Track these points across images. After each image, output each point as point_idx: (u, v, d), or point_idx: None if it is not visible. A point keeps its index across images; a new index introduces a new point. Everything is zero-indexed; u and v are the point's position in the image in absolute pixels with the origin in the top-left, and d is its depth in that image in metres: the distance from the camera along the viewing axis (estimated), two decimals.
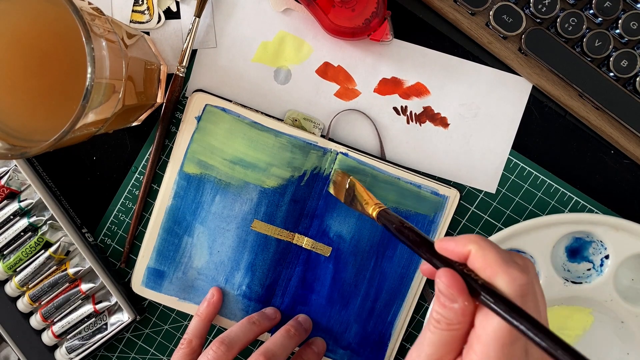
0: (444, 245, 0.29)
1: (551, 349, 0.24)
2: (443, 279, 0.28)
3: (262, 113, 0.44)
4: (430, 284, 0.46)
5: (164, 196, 0.44)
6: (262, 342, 0.46)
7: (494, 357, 0.27)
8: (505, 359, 0.27)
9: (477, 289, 0.27)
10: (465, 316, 0.28)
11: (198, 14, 0.43)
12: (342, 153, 0.43)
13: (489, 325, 0.27)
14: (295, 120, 0.44)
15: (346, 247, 0.44)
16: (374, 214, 0.36)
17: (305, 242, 0.44)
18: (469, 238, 0.29)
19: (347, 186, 0.40)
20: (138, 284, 0.45)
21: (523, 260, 0.29)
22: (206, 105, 0.43)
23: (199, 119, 0.43)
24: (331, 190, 0.43)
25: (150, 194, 0.46)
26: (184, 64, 0.44)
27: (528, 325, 0.25)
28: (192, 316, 0.46)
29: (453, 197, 0.44)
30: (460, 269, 0.28)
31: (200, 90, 0.44)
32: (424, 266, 0.32)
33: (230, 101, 0.44)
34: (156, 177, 0.45)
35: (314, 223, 0.44)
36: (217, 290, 0.44)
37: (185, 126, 0.43)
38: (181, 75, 0.44)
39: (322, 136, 0.44)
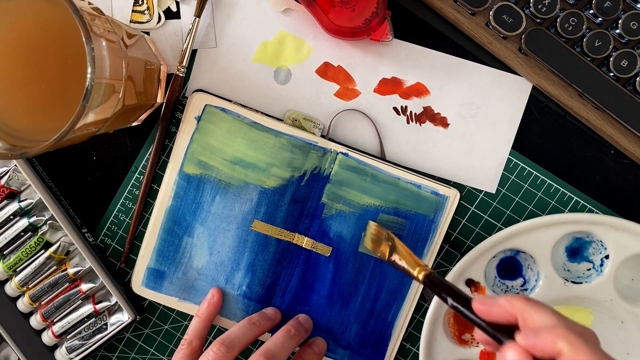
0: (530, 341, 0.27)
1: None
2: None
3: (262, 113, 0.44)
4: None
5: (163, 196, 0.44)
6: (263, 343, 0.46)
7: None
8: None
9: None
10: None
11: (198, 14, 0.43)
12: (342, 153, 0.43)
13: None
14: (295, 120, 0.44)
15: (346, 247, 0.44)
16: (420, 276, 0.36)
17: (305, 242, 0.44)
18: (557, 333, 0.26)
19: (384, 241, 0.40)
20: (138, 284, 0.45)
21: None
22: (206, 105, 0.43)
23: (198, 119, 0.43)
24: (367, 245, 0.42)
25: (150, 194, 0.46)
26: (184, 64, 0.44)
27: None
28: (192, 316, 0.46)
29: (453, 197, 0.44)
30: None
31: (200, 90, 0.44)
32: (480, 336, 0.30)
33: (230, 101, 0.44)
34: (156, 177, 0.45)
35: (314, 223, 0.44)
36: (217, 291, 0.44)
37: (185, 126, 0.43)
38: (181, 75, 0.44)
39: (322, 136, 0.44)
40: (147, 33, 0.45)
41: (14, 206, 0.44)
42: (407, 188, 0.44)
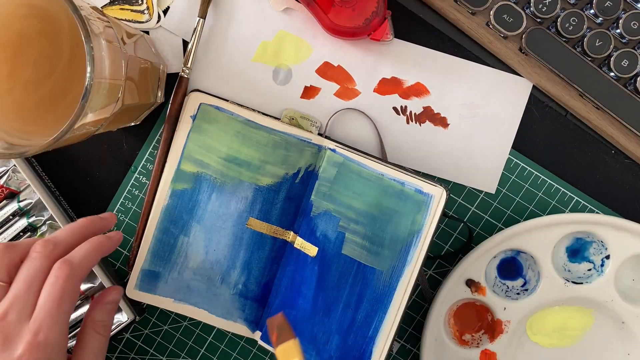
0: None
1: None
2: None
3: (257, 111, 0.44)
4: (431, 283, 0.46)
5: (160, 196, 0.44)
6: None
7: None
8: None
9: None
10: None
11: (202, 15, 0.43)
12: (329, 149, 0.43)
13: None
14: (292, 119, 0.44)
15: (331, 247, 0.42)
16: None
17: (296, 241, 0.44)
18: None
19: None
20: (132, 287, 0.44)
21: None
22: (200, 104, 0.43)
23: (194, 117, 0.43)
24: None
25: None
26: (188, 65, 0.43)
27: None
28: (190, 318, 0.45)
29: (439, 197, 0.40)
30: None
31: (197, 90, 0.44)
32: None
33: (227, 100, 0.43)
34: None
35: (304, 221, 0.43)
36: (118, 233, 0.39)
37: (181, 125, 0.43)
38: (186, 77, 0.43)
39: (320, 134, 0.44)
40: (147, 32, 0.44)
41: (13, 206, 0.44)
42: (390, 185, 0.41)
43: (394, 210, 0.41)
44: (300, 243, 0.43)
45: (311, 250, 0.43)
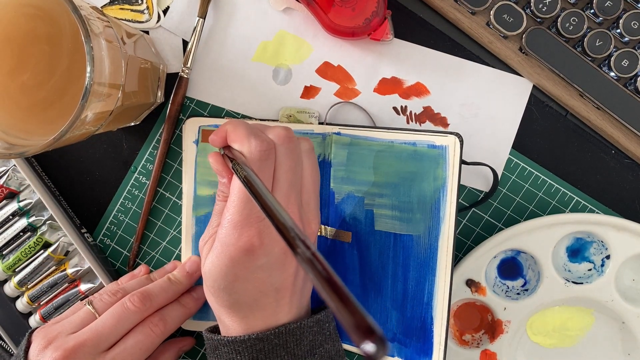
0: (213, 135, 0.37)
1: (261, 205, 0.29)
2: (210, 160, 0.37)
3: (254, 119, 0.44)
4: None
5: (187, 227, 0.44)
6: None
7: (236, 207, 0.34)
8: (245, 210, 0.34)
9: (231, 160, 0.34)
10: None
11: (202, 14, 0.43)
12: (334, 133, 0.42)
13: (234, 184, 0.34)
14: (290, 116, 0.44)
15: (363, 228, 0.42)
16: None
17: (328, 232, 0.43)
18: (228, 121, 0.36)
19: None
20: (189, 320, 0.44)
21: (274, 132, 0.36)
22: (200, 127, 0.43)
23: (196, 142, 0.43)
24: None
25: (156, 199, 0.45)
26: (188, 64, 0.43)
27: (250, 182, 0.31)
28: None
29: (453, 145, 0.39)
30: (225, 153, 0.36)
31: (193, 115, 0.44)
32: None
33: (222, 117, 0.44)
34: (161, 180, 0.45)
35: (331, 211, 0.43)
36: (144, 267, 0.45)
37: (187, 154, 0.43)
38: (186, 76, 0.43)
39: (320, 123, 0.44)
40: (147, 32, 0.44)
41: (13, 206, 0.44)
42: (402, 150, 0.41)
43: (413, 172, 0.41)
44: (333, 232, 0.43)
45: (346, 236, 0.43)
